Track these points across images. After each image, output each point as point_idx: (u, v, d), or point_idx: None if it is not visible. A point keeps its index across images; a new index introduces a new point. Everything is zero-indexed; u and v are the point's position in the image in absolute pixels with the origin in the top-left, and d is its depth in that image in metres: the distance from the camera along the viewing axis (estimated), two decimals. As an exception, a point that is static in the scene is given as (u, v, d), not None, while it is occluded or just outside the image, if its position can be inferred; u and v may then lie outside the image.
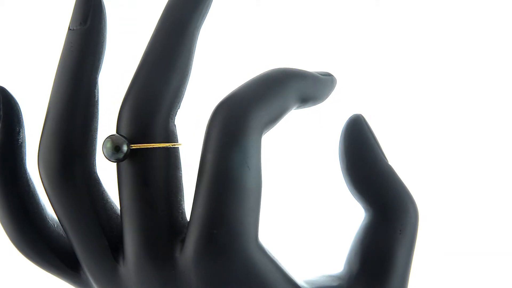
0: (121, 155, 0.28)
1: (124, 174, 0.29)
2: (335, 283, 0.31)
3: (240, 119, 0.28)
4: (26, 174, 0.31)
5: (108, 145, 0.28)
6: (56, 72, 0.30)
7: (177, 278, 0.28)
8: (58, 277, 0.32)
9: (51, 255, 0.31)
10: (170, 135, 0.29)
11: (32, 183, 0.31)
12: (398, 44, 0.72)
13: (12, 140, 0.30)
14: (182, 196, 0.30)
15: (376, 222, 0.32)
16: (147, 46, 0.29)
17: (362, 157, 0.32)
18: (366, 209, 0.32)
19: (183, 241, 0.29)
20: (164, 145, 0.29)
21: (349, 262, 0.32)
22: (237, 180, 0.28)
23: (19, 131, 0.31)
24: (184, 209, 0.30)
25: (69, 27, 0.30)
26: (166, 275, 0.29)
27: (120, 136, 0.28)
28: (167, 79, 0.29)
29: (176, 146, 0.29)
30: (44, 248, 0.31)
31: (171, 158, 0.29)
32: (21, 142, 0.31)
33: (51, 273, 0.32)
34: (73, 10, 0.30)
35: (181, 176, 0.30)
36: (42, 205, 0.31)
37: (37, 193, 0.31)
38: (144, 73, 0.29)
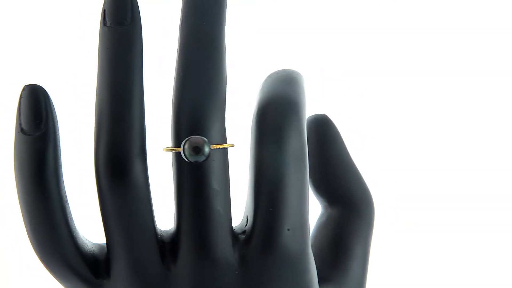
0: (202, 157, 0.28)
1: (189, 174, 0.29)
2: (319, 276, 0.33)
3: (295, 118, 0.29)
4: (62, 176, 0.30)
5: (191, 146, 0.28)
6: (105, 69, 0.29)
7: (243, 276, 0.29)
8: (76, 285, 0.31)
9: (79, 261, 0.30)
10: (225, 136, 0.30)
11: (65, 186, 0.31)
12: (398, 44, 0.72)
13: (56, 142, 0.29)
14: None
15: (346, 217, 0.35)
16: (185, 52, 0.29)
17: (331, 157, 0.35)
18: (331, 204, 0.35)
19: (247, 240, 0.29)
20: (227, 146, 0.30)
21: (320, 255, 0.34)
22: (300, 178, 0.29)
23: (59, 133, 0.30)
24: None
25: (106, 24, 0.30)
26: (231, 275, 0.29)
27: (202, 137, 0.28)
28: (217, 82, 0.29)
29: (229, 146, 0.30)
30: (73, 253, 0.30)
31: (227, 159, 0.30)
32: (60, 144, 0.30)
33: (70, 282, 0.31)
34: (111, 6, 0.30)
35: None
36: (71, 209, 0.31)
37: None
38: (193, 78, 0.29)
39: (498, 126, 0.73)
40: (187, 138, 0.29)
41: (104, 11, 0.30)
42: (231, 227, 0.30)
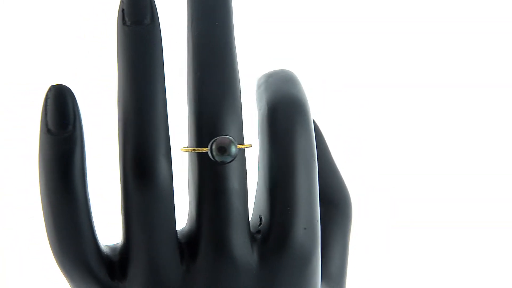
0: (229, 158, 0.29)
1: (213, 174, 0.29)
2: None
3: (305, 118, 0.30)
4: (87, 178, 0.30)
5: (220, 146, 0.29)
6: (127, 70, 0.29)
7: (260, 276, 0.30)
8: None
9: (99, 263, 0.30)
10: (243, 135, 0.30)
11: None
12: (397, 42, 0.72)
13: (82, 143, 0.29)
14: None
15: (327, 214, 0.35)
16: (200, 54, 0.30)
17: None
18: None
19: (264, 239, 0.30)
20: (247, 146, 0.30)
21: None
22: (313, 176, 0.30)
23: (84, 134, 0.30)
24: None
25: (126, 24, 0.29)
26: (249, 274, 0.30)
27: (229, 138, 0.29)
28: (233, 83, 0.30)
29: (248, 146, 0.31)
30: (94, 255, 0.30)
31: (245, 158, 0.30)
32: (85, 146, 0.30)
33: (84, 284, 0.30)
34: (130, 6, 0.29)
35: None
36: None
37: None
38: (211, 80, 0.30)
39: (495, 129, 0.73)
40: (214, 139, 0.29)
41: (122, 11, 0.29)
42: (249, 226, 0.30)
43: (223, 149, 0.29)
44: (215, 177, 0.29)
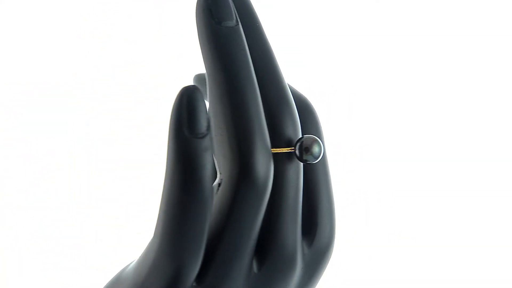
0: (313, 159, 0.29)
1: (289, 176, 0.29)
2: None
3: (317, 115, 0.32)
4: None
5: (308, 146, 0.29)
6: (231, 66, 0.29)
7: (306, 274, 0.31)
8: None
9: (195, 271, 0.29)
10: None
11: None
12: (398, 41, 0.72)
13: (212, 146, 0.29)
14: None
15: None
16: (254, 58, 0.30)
17: None
18: None
19: (310, 239, 0.31)
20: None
21: None
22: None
23: None
24: None
25: (218, 23, 0.30)
26: (298, 273, 0.30)
27: (315, 137, 0.29)
28: (285, 81, 0.30)
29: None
30: (198, 259, 0.29)
31: None
32: None
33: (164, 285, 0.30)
34: (217, 6, 0.30)
35: None
36: None
37: None
38: (273, 77, 0.30)
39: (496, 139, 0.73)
40: (301, 139, 0.29)
41: (210, 11, 0.30)
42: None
43: (307, 150, 0.29)
44: (292, 178, 0.30)
